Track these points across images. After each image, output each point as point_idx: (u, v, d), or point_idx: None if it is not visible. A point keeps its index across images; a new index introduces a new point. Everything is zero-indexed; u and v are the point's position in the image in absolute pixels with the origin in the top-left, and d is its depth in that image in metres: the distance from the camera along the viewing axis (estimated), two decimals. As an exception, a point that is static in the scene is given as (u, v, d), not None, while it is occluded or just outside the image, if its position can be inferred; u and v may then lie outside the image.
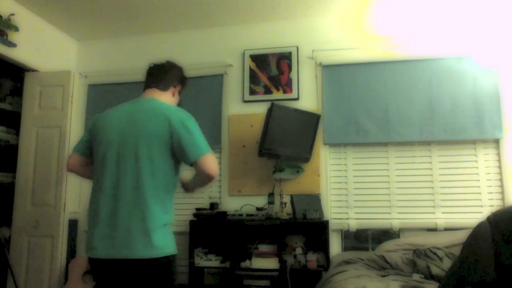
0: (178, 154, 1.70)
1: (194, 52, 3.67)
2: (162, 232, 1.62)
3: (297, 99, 3.37)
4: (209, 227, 3.18)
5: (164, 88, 1.95)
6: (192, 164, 1.68)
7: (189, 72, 3.57)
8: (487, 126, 3.04)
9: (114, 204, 1.63)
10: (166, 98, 1.94)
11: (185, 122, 1.74)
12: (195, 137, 1.70)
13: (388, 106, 3.21)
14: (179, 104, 2.05)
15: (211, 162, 1.67)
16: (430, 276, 2.47)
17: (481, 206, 3.02)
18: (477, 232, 0.88)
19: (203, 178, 1.73)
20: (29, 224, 3.28)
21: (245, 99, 3.47)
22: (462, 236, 2.69)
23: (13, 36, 3.12)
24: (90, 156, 1.83)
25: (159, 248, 1.60)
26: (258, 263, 2.86)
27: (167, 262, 1.63)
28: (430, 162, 3.14)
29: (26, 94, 3.47)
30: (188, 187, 1.91)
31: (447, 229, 2.99)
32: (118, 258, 1.59)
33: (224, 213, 3.04)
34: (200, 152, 1.67)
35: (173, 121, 1.71)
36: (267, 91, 3.44)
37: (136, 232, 1.59)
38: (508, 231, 0.81)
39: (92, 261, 1.66)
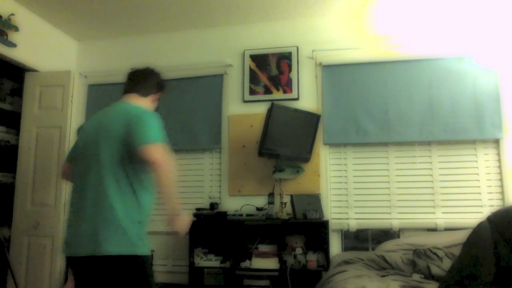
0: (130, 145, 1.69)
1: (194, 52, 3.67)
2: (125, 231, 1.64)
3: (297, 99, 3.37)
4: (209, 227, 3.18)
5: (145, 94, 1.99)
6: (137, 151, 1.66)
7: (189, 72, 3.61)
8: (487, 126, 3.04)
9: (81, 205, 1.70)
10: (145, 104, 1.97)
11: (142, 115, 1.76)
12: (147, 127, 1.70)
13: (388, 106, 3.21)
14: (157, 110, 2.07)
15: (155, 150, 1.64)
16: (430, 276, 2.47)
17: (481, 206, 3.02)
18: (477, 232, 0.88)
19: (153, 171, 1.68)
20: (29, 224, 3.28)
21: (245, 99, 3.47)
22: (462, 236, 2.69)
23: (13, 36, 3.12)
24: None
25: (123, 246, 1.62)
26: (258, 263, 2.86)
27: (135, 260, 1.65)
28: (430, 162, 3.14)
29: (26, 94, 3.47)
30: (168, 212, 1.78)
31: (447, 229, 2.99)
32: (83, 256, 1.64)
33: (224, 213, 3.04)
34: (146, 139, 1.66)
35: (131, 116, 1.75)
36: (267, 91, 3.44)
37: (99, 230, 1.62)
38: (508, 231, 0.81)
39: (66, 259, 1.75)
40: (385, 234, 3.20)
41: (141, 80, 1.99)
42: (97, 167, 1.70)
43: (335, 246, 3.14)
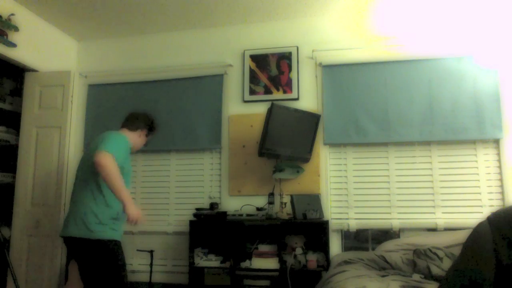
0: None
1: (194, 52, 3.67)
2: (83, 220, 2.21)
3: (297, 99, 3.37)
4: (209, 227, 3.18)
5: (133, 129, 2.54)
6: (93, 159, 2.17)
7: (189, 72, 3.62)
8: (487, 126, 3.04)
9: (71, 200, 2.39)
10: (132, 136, 2.51)
11: (108, 134, 2.31)
12: (104, 141, 2.21)
13: (388, 106, 3.21)
14: (145, 145, 2.68)
15: (99, 155, 2.11)
16: (430, 276, 2.47)
17: (481, 206, 3.02)
18: (477, 232, 0.88)
19: (99, 172, 2.16)
20: (29, 224, 3.28)
21: (245, 99, 3.47)
22: (462, 236, 2.69)
23: (13, 36, 3.13)
24: None
25: (81, 230, 2.21)
26: (258, 263, 2.86)
27: (93, 243, 2.19)
28: (430, 162, 3.14)
29: (26, 94, 3.47)
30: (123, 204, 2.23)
31: (447, 229, 2.99)
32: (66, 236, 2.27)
33: (224, 213, 3.04)
34: (98, 148, 2.15)
35: (103, 136, 2.30)
36: (267, 91, 3.44)
37: (73, 217, 2.26)
38: (508, 231, 0.81)
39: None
40: (385, 234, 3.20)
41: (133, 118, 2.57)
42: (79, 175, 2.37)
43: (335, 246, 3.14)
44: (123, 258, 2.28)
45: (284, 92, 3.41)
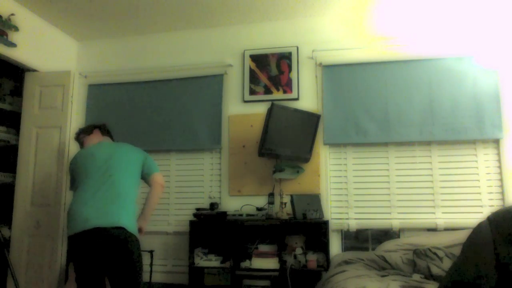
0: None
1: (194, 52, 3.67)
2: None
3: (297, 99, 3.37)
4: (209, 227, 3.18)
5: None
6: None
7: (189, 72, 3.62)
8: (487, 126, 3.04)
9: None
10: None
11: (144, 154, 2.68)
12: (151, 161, 2.66)
13: (388, 106, 3.21)
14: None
15: (160, 176, 2.61)
16: (430, 276, 2.47)
17: (481, 206, 3.02)
18: (477, 232, 0.88)
19: None
20: (29, 224, 3.28)
21: (245, 99, 3.47)
22: (462, 236, 2.69)
23: (13, 36, 3.12)
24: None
25: None
26: (258, 263, 2.86)
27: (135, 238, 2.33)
28: (430, 162, 3.14)
29: (26, 94, 3.47)
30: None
31: (447, 229, 2.99)
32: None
33: (224, 213, 3.04)
34: (155, 171, 2.63)
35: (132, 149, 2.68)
36: (267, 91, 3.44)
37: (120, 211, 2.37)
38: (509, 231, 0.81)
39: None
40: (385, 234, 3.20)
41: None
42: (113, 172, 2.51)
43: (335, 246, 3.14)
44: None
45: (284, 92, 3.41)
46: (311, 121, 3.17)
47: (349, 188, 3.22)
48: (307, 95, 3.38)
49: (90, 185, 2.33)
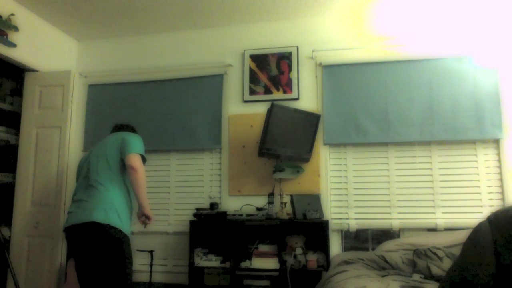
0: None
1: (194, 52, 3.67)
2: None
3: (297, 99, 3.37)
4: (209, 227, 3.18)
5: (134, 131, 2.80)
6: None
7: (189, 72, 3.62)
8: (487, 126, 3.04)
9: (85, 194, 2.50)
10: None
11: (127, 136, 2.52)
12: (130, 143, 2.44)
13: (388, 106, 3.21)
14: None
15: (132, 157, 2.37)
16: (430, 276, 2.47)
17: (481, 206, 3.02)
18: (477, 232, 0.88)
19: None
20: (29, 224, 3.28)
21: (245, 99, 3.47)
22: (462, 236, 2.69)
23: (13, 36, 3.12)
24: None
25: None
26: (258, 263, 2.86)
27: (114, 232, 2.30)
28: (430, 162, 3.14)
29: (26, 94, 3.47)
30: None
31: (447, 229, 2.99)
32: None
33: (224, 213, 3.04)
34: (128, 151, 2.39)
35: (117, 138, 2.59)
36: (267, 91, 3.44)
37: (95, 207, 2.34)
38: (509, 231, 0.81)
39: None
40: (385, 234, 3.20)
41: (125, 126, 2.77)
42: (95, 170, 2.47)
43: (335, 246, 3.14)
44: (131, 255, 2.33)
45: (284, 92, 3.41)
46: (311, 121, 3.17)
47: (349, 188, 3.22)
48: (307, 95, 3.38)
49: (78, 183, 2.50)
